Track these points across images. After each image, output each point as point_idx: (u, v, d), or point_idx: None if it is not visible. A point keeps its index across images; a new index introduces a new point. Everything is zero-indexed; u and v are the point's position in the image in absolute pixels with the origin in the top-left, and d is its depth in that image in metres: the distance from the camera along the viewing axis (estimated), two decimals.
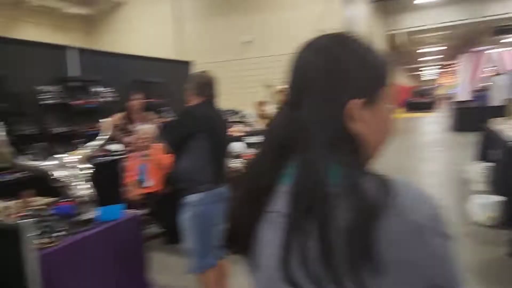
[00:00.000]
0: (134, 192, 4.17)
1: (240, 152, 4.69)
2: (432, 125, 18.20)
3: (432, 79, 47.32)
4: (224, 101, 9.09)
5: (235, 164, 4.24)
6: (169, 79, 8.04)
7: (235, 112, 7.64)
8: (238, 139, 4.94)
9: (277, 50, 12.58)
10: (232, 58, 13.26)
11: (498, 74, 16.54)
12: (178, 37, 14.07)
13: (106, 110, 5.93)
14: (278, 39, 12.63)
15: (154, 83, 7.39)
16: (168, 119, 7.39)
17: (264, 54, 12.82)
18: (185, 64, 8.67)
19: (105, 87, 6.27)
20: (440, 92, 29.08)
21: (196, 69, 11.73)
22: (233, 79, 13.22)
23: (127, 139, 5.03)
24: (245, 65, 13.03)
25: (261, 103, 6.03)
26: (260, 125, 5.82)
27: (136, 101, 5.14)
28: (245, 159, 4.53)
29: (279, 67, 7.98)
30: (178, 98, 8.00)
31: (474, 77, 21.22)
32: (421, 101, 31.37)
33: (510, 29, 20.75)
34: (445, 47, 26.05)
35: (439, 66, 35.29)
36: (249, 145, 5.01)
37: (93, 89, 6.06)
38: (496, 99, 14.55)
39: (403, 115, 23.09)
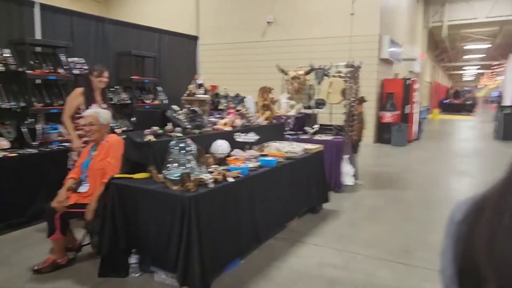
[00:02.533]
0: (61, 200, 2.95)
1: (225, 154, 3.44)
2: (472, 130, 16.32)
3: (473, 80, 44.35)
4: (234, 87, 7.79)
5: (207, 175, 3.01)
6: (171, 54, 6.86)
7: (240, 99, 6.38)
8: (226, 135, 3.69)
9: (300, 33, 11.25)
10: (252, 39, 11.97)
11: None
12: (198, 13, 12.89)
13: (70, 85, 4.83)
14: (302, 21, 11.25)
15: (146, 57, 6.22)
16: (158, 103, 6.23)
17: (286, 37, 11.45)
18: (191, 38, 7.45)
19: (78, 57, 5.13)
20: (481, 94, 26.64)
21: (210, 48, 10.49)
22: (251, 62, 12.00)
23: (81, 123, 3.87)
24: (264, 49, 11.71)
25: (265, 90, 4.68)
26: (260, 117, 4.51)
27: (101, 77, 3.91)
28: (231, 165, 3.30)
29: (302, 52, 6.62)
30: (177, 76, 6.94)
31: None
32: (457, 102, 29.20)
33: None
34: (492, 45, 23.76)
35: (482, 66, 32.63)
36: (240, 144, 3.74)
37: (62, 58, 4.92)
38: None
39: (439, 117, 21.17)
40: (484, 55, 28.24)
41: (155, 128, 3.00)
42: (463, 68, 34.54)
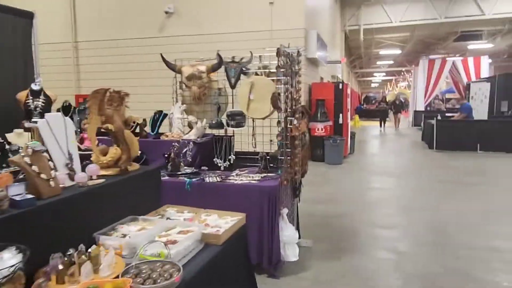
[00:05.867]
0: None
1: None
2: (398, 138, 15.34)
3: (378, 87, 46.14)
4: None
5: None
6: None
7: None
8: None
9: (209, 27, 8.81)
10: (146, 35, 9.18)
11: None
12: (74, 2, 9.73)
13: None
14: (211, 12, 8.83)
15: None
16: None
17: (191, 32, 8.90)
18: (20, 15, 4.47)
19: None
20: (391, 99, 26.87)
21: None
22: (144, 65, 9.18)
23: None
24: (162, 47, 8.96)
25: (104, 99, 2.00)
26: (92, 166, 1.82)
27: None
28: None
29: (212, 50, 3.75)
30: None
31: (435, 84, 19.11)
32: (372, 108, 29.37)
33: (477, 35, 18.78)
34: (402, 51, 23.90)
35: (388, 73, 33.57)
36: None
37: None
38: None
39: (360, 123, 20.28)
40: (392, 62, 28.72)
41: None
42: (374, 74, 35.27)
